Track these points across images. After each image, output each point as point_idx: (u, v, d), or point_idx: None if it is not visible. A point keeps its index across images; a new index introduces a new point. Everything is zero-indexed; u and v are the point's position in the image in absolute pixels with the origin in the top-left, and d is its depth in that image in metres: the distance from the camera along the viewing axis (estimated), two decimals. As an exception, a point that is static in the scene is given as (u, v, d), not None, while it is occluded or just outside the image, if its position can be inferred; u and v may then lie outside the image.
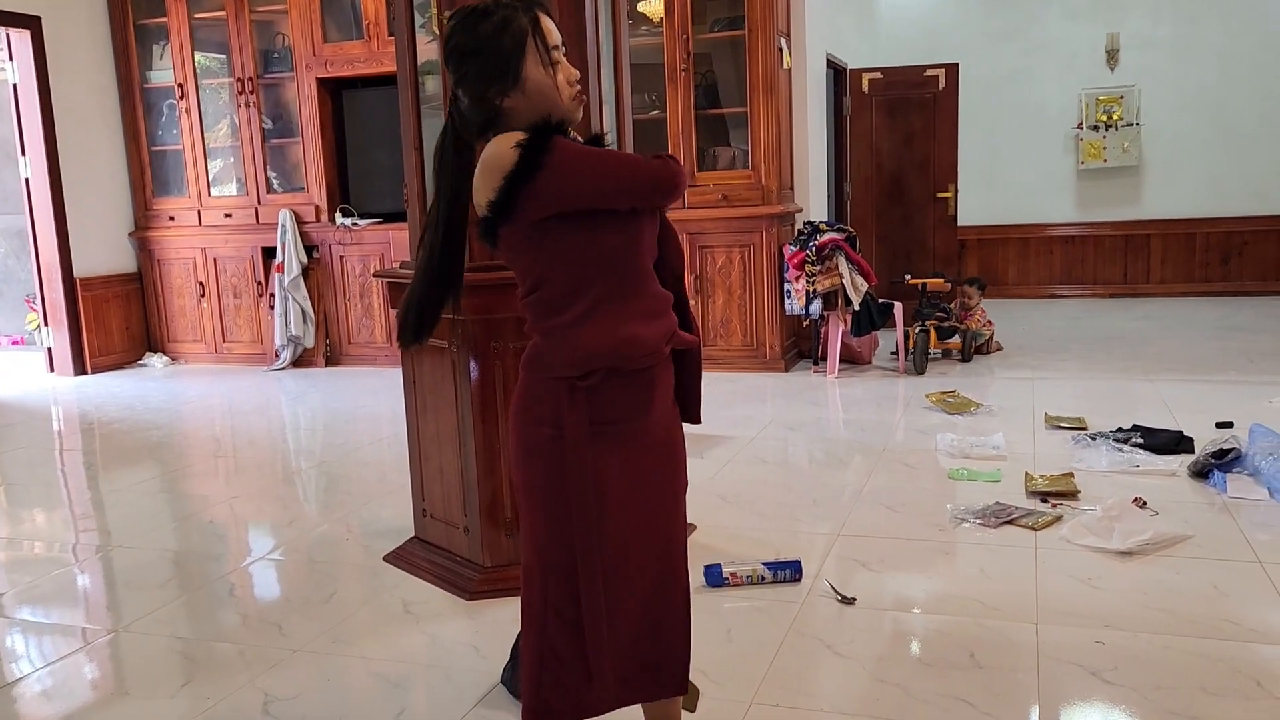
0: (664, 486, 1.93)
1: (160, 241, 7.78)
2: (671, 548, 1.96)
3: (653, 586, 1.93)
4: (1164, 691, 2.43)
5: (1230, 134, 9.04)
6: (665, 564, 1.95)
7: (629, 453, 1.85)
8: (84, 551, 3.82)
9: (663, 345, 1.85)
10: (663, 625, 1.96)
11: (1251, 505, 3.67)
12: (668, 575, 1.95)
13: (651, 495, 1.90)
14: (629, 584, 1.88)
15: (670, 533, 1.95)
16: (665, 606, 1.96)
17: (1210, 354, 6.53)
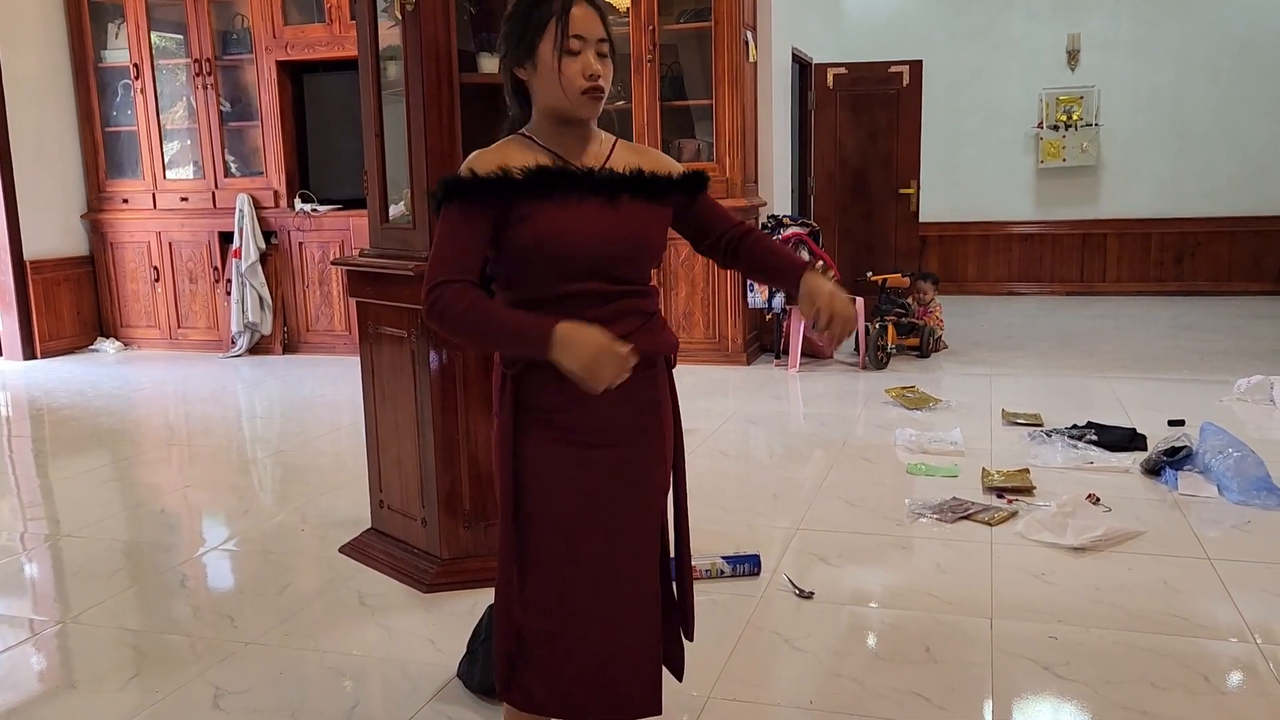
0: (617, 495, 1.81)
1: (113, 224, 7.63)
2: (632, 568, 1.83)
3: (604, 598, 1.80)
4: (1114, 686, 2.47)
5: (1186, 136, 9.19)
6: (623, 580, 1.82)
7: (561, 446, 1.78)
8: (32, 540, 3.74)
9: None
10: (625, 642, 1.83)
11: (1201, 502, 3.74)
12: (626, 595, 1.82)
13: (599, 500, 1.80)
14: (571, 584, 1.79)
15: (640, 548, 1.84)
16: (621, 626, 1.82)
17: (1163, 352, 6.64)
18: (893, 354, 6.47)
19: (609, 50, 1.79)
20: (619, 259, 1.78)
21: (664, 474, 1.90)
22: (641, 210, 1.81)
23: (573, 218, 1.75)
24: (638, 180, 1.81)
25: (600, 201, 1.77)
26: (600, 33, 1.75)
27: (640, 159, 1.87)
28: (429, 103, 3.01)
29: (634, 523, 1.85)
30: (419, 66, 3.00)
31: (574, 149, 1.81)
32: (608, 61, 1.78)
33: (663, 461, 1.90)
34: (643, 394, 1.83)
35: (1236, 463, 3.79)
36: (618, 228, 1.78)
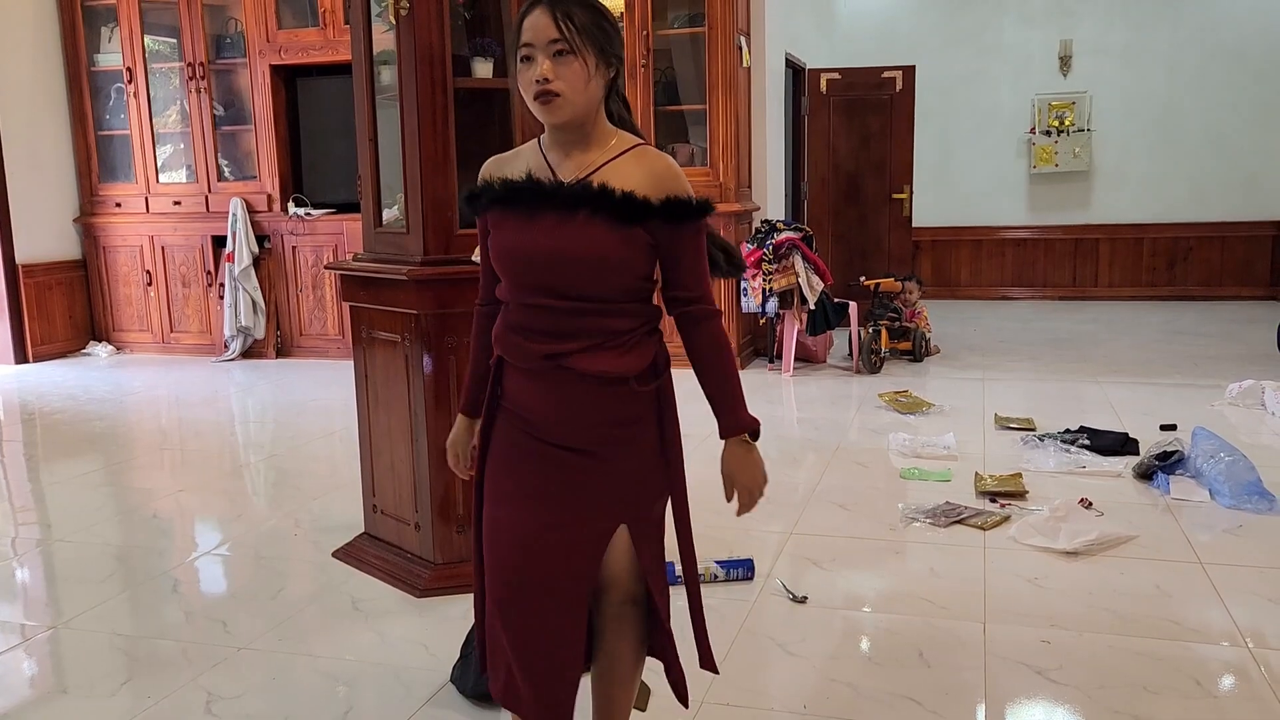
0: (564, 490, 1.82)
1: (106, 228, 7.61)
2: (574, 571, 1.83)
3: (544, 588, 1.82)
4: (1107, 690, 2.47)
5: (1177, 142, 9.23)
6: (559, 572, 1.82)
7: (523, 437, 1.84)
8: (23, 545, 3.73)
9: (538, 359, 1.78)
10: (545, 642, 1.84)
11: (1193, 507, 3.75)
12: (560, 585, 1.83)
13: (552, 501, 1.82)
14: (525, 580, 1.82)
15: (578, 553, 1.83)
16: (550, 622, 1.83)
17: (1155, 357, 6.66)
18: (886, 358, 6.49)
19: (570, 47, 1.69)
20: (568, 275, 1.74)
21: (624, 493, 1.84)
22: (602, 228, 1.72)
23: (526, 230, 1.76)
24: (599, 198, 1.72)
25: (558, 216, 1.73)
26: (551, 34, 1.68)
27: (636, 171, 1.76)
28: (423, 107, 3.01)
29: (575, 524, 1.82)
30: (413, 71, 3.00)
31: (565, 157, 1.79)
32: (567, 60, 1.70)
33: (624, 480, 1.84)
34: (604, 412, 1.81)
35: (1228, 467, 3.81)
36: (568, 243, 1.73)
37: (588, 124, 1.77)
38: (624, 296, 1.79)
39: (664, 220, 1.74)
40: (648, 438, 1.87)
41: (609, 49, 1.75)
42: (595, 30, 1.72)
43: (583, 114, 1.75)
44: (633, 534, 1.88)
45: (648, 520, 1.90)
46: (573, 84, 1.70)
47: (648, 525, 1.91)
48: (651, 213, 1.73)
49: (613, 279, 1.76)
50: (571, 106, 1.72)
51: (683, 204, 1.75)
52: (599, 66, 1.73)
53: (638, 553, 1.90)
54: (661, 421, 1.90)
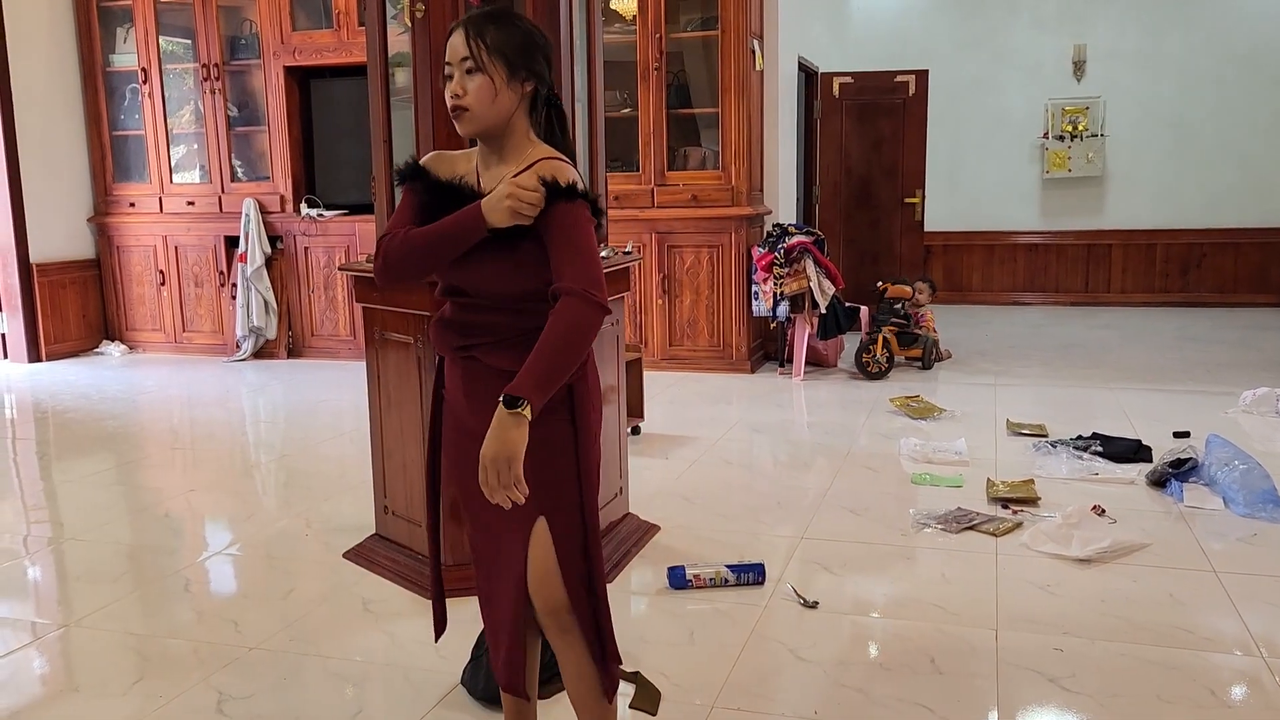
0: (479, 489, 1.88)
1: (120, 228, 7.65)
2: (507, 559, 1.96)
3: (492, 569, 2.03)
4: (1119, 699, 2.46)
5: (1191, 147, 9.19)
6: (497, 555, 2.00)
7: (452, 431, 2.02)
8: (35, 543, 3.74)
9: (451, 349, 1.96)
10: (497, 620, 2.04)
11: (1207, 515, 3.73)
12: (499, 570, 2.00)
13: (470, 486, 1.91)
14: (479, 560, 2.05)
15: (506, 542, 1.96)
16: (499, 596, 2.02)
17: (1169, 364, 6.63)
18: (892, 365, 6.41)
19: (477, 65, 1.83)
20: (475, 279, 1.89)
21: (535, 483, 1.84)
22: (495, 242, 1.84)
23: None
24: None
25: None
26: (462, 53, 1.84)
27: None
28: (437, 109, 3.02)
29: (497, 514, 1.90)
30: (428, 73, 3.01)
31: (487, 168, 1.93)
32: (475, 77, 1.84)
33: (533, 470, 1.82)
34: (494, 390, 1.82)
35: (1243, 475, 3.78)
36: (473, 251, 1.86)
37: (502, 137, 1.91)
38: (531, 298, 1.87)
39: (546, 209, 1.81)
40: (559, 433, 1.90)
41: (521, 65, 1.87)
42: (506, 48, 1.85)
43: (492, 126, 1.88)
44: (551, 527, 1.92)
45: (561, 508, 1.92)
46: (479, 98, 1.85)
47: (565, 516, 1.92)
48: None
49: (515, 284, 1.87)
50: (480, 120, 1.86)
51: (548, 185, 1.80)
52: (509, 82, 1.86)
53: (556, 548, 1.91)
54: (574, 418, 1.92)
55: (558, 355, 1.76)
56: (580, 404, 1.92)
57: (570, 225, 1.82)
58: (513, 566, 1.95)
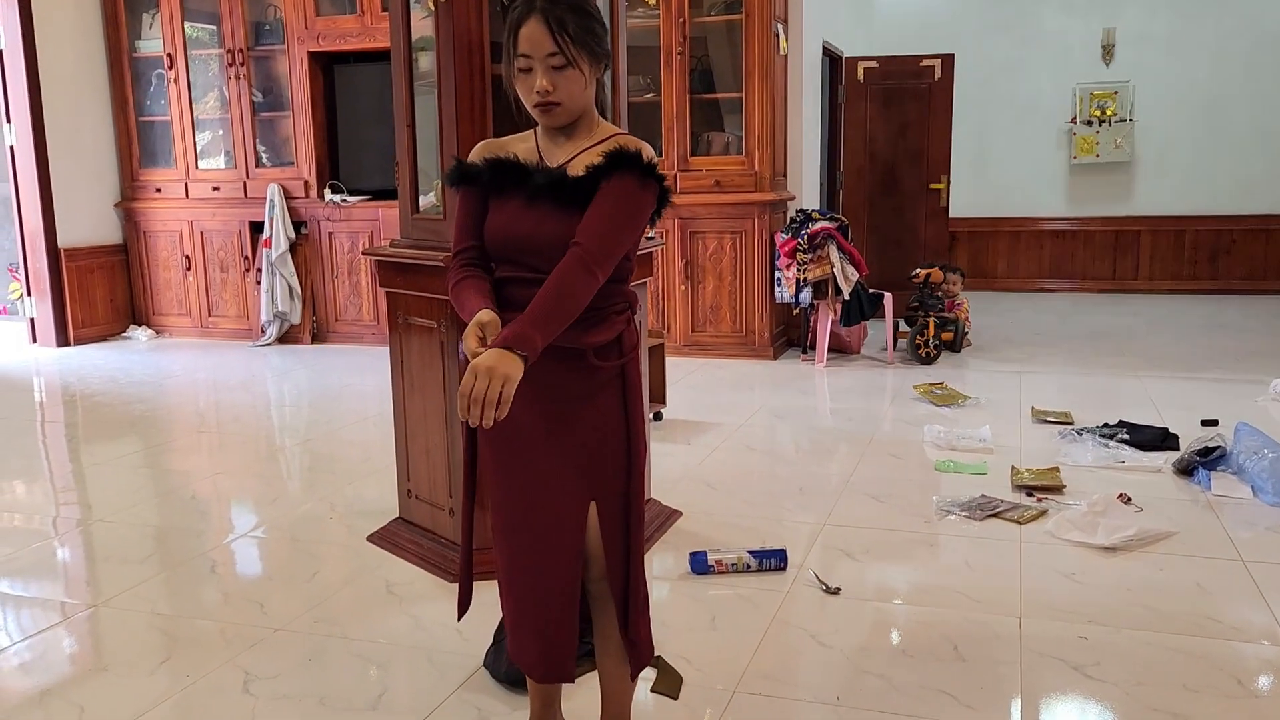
0: (531, 470, 1.90)
1: (146, 213, 7.70)
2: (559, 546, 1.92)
3: (532, 560, 1.94)
4: (1145, 688, 2.44)
5: (1221, 132, 9.06)
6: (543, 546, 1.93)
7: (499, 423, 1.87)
8: (64, 524, 3.79)
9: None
10: (542, 609, 1.96)
11: (1235, 504, 3.69)
12: (545, 560, 1.93)
13: (520, 471, 1.91)
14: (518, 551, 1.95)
15: (558, 529, 1.91)
16: (542, 587, 1.95)
17: (1197, 352, 6.56)
18: (940, 349, 6.36)
19: (567, 60, 1.79)
20: (529, 253, 1.85)
21: (588, 467, 1.89)
22: (553, 211, 1.83)
23: (502, 211, 1.89)
24: (558, 183, 1.83)
25: (530, 200, 1.85)
26: (549, 48, 1.78)
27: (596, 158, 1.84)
28: (461, 94, 3.02)
29: (550, 501, 1.90)
30: (451, 58, 3.00)
31: (554, 145, 1.91)
32: (566, 73, 1.80)
33: (587, 454, 1.88)
34: (567, 387, 1.87)
35: (1272, 464, 3.74)
36: (526, 225, 1.85)
37: (577, 120, 1.90)
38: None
39: (608, 174, 1.80)
40: (611, 415, 1.91)
41: (600, 50, 1.85)
42: (588, 36, 1.81)
43: (578, 115, 1.89)
44: (599, 511, 1.92)
45: (613, 498, 1.93)
46: (571, 93, 1.83)
47: (613, 503, 1.93)
48: (600, 176, 1.80)
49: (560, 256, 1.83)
50: (570, 113, 1.86)
51: (623, 153, 1.79)
52: (593, 69, 1.85)
53: (601, 529, 1.93)
54: (626, 400, 1.92)
55: (551, 304, 1.75)
56: (632, 387, 1.93)
57: (618, 194, 1.80)
58: (566, 552, 1.92)
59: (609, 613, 1.99)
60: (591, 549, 1.94)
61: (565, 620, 1.95)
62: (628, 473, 1.93)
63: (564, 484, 1.90)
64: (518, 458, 1.91)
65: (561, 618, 1.95)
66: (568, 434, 1.89)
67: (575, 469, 1.90)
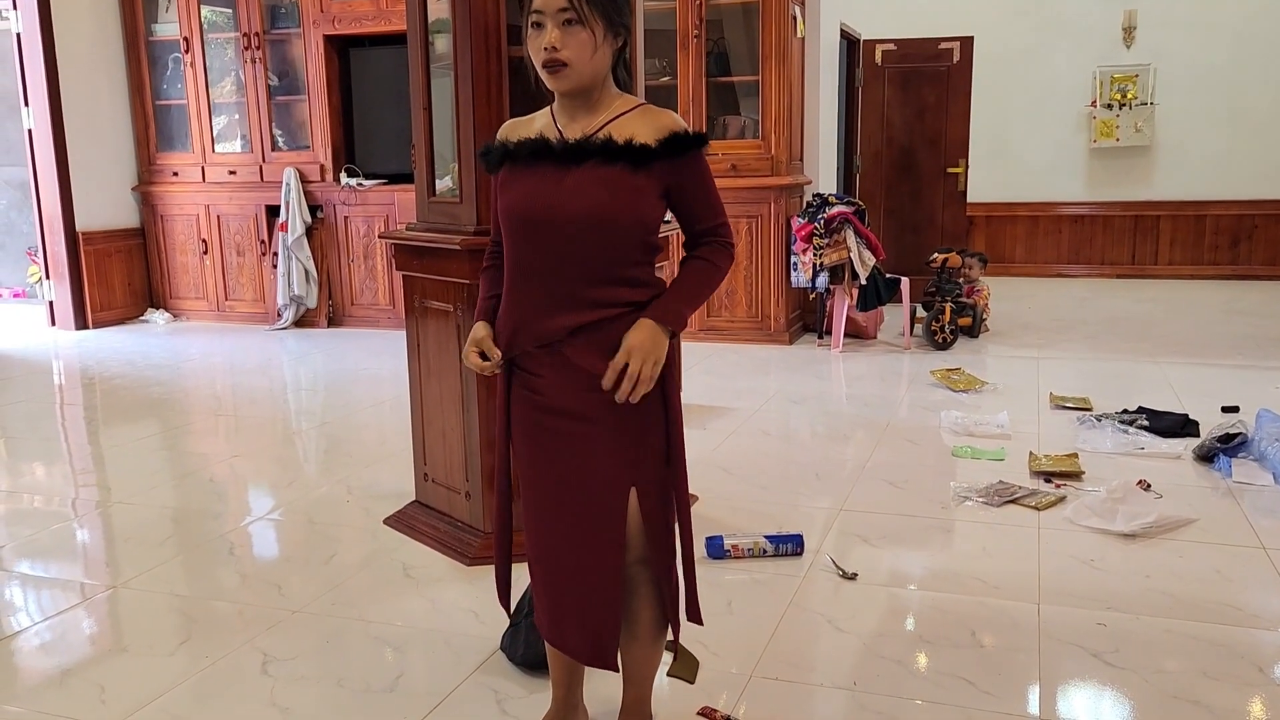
0: (570, 458, 1.90)
1: (163, 197, 7.73)
2: (598, 534, 1.90)
3: (572, 547, 1.93)
4: (1165, 675, 2.43)
5: (1243, 116, 8.95)
6: (584, 533, 1.91)
7: (526, 398, 1.92)
8: (83, 506, 3.81)
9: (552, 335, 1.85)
10: (582, 595, 1.94)
11: (1256, 490, 3.66)
12: (587, 546, 1.91)
13: (557, 458, 1.91)
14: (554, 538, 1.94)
15: (597, 517, 1.90)
16: (585, 573, 1.93)
17: (1217, 338, 6.50)
18: (957, 334, 6.33)
19: (578, 17, 1.75)
20: (575, 233, 1.79)
21: (626, 454, 1.88)
22: (605, 178, 1.77)
23: (526, 188, 1.83)
24: (599, 147, 1.78)
25: (556, 172, 1.80)
26: (560, 4, 1.75)
27: (641, 125, 1.81)
28: (477, 76, 3.00)
29: (587, 490, 1.89)
30: (468, 40, 2.99)
31: (571, 120, 1.86)
32: (575, 30, 1.76)
33: (624, 441, 1.87)
34: (602, 373, 1.83)
35: (1293, 451, 3.71)
36: (574, 199, 1.78)
37: (594, 91, 1.85)
38: (630, 257, 1.83)
39: (668, 159, 1.80)
40: (651, 402, 1.89)
41: (617, 19, 1.80)
42: (606, 1, 1.77)
43: (589, 82, 1.82)
44: (639, 495, 1.91)
45: (652, 482, 1.93)
46: (580, 53, 1.76)
47: (652, 487, 1.93)
48: (653, 155, 1.78)
49: (619, 234, 1.80)
50: (578, 75, 1.78)
51: (680, 137, 1.81)
52: (607, 36, 1.79)
53: (642, 513, 1.92)
54: (665, 388, 1.91)
55: (701, 290, 1.88)
56: (671, 375, 1.91)
57: (706, 173, 1.87)
58: (608, 538, 1.90)
59: (641, 595, 1.99)
60: (631, 534, 1.93)
61: (610, 605, 1.93)
62: (668, 458, 1.93)
63: (606, 470, 1.88)
64: (559, 444, 1.90)
65: (605, 602, 1.92)
66: (608, 421, 1.86)
67: (618, 456, 1.88)
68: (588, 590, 1.93)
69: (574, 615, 1.95)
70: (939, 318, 6.27)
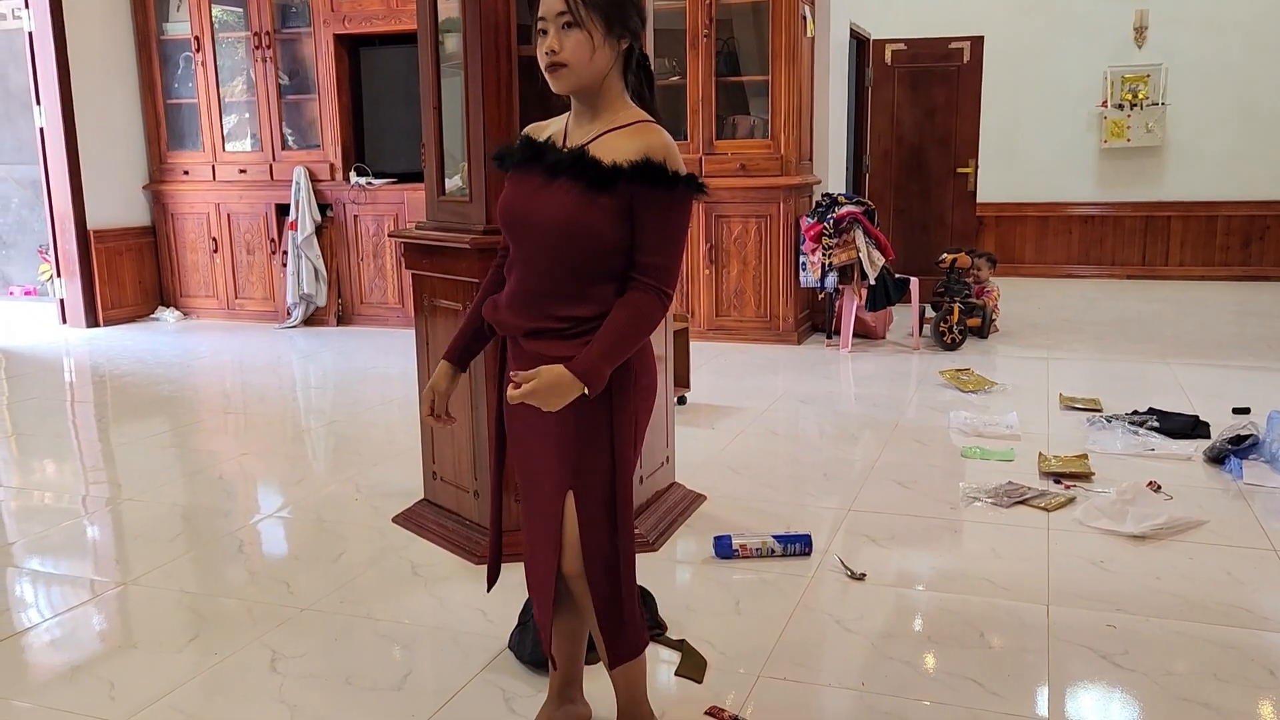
0: (527, 445, 1.97)
1: (174, 195, 7.75)
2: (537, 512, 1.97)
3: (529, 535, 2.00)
4: (1175, 677, 2.42)
5: (1255, 116, 8.91)
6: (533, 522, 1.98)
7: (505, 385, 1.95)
8: (94, 503, 3.83)
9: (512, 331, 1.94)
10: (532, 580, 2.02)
11: (1267, 492, 3.64)
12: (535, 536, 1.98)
13: (520, 443, 1.99)
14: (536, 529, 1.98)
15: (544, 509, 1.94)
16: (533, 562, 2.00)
17: (1228, 339, 6.47)
18: (965, 335, 6.32)
19: (575, 19, 1.78)
20: (532, 230, 1.85)
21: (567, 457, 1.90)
22: (574, 193, 1.80)
23: (514, 192, 1.91)
24: (573, 163, 1.82)
25: (543, 180, 1.86)
26: (559, 7, 1.79)
27: (624, 144, 1.82)
28: (487, 75, 3.00)
29: (537, 481, 1.96)
30: (478, 39, 2.99)
31: (579, 126, 1.90)
32: (573, 32, 1.79)
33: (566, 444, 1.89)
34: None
35: (1305, 453, 3.69)
36: (543, 206, 1.84)
37: (597, 95, 1.87)
38: (594, 275, 1.84)
39: (637, 184, 1.79)
40: (595, 411, 1.88)
41: (617, 21, 1.82)
42: (604, 3, 1.80)
43: (588, 84, 1.84)
44: (577, 502, 1.92)
45: (592, 492, 1.92)
46: (578, 54, 1.80)
47: (591, 497, 1.92)
48: (621, 176, 1.79)
49: (580, 246, 1.82)
50: (576, 76, 1.82)
51: (655, 168, 1.79)
52: (606, 39, 1.81)
53: (579, 521, 1.92)
54: (611, 398, 1.89)
55: (622, 342, 1.83)
56: (619, 385, 1.88)
57: (666, 208, 1.82)
58: (548, 536, 1.94)
59: (585, 606, 1.99)
60: (567, 539, 1.93)
61: (544, 602, 1.97)
62: (611, 469, 1.91)
63: (547, 468, 1.93)
64: (523, 430, 1.97)
65: (543, 597, 1.98)
66: (551, 418, 1.86)
67: (556, 454, 1.91)
68: (534, 581, 2.01)
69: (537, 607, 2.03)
70: (948, 318, 6.26)
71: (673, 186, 1.81)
